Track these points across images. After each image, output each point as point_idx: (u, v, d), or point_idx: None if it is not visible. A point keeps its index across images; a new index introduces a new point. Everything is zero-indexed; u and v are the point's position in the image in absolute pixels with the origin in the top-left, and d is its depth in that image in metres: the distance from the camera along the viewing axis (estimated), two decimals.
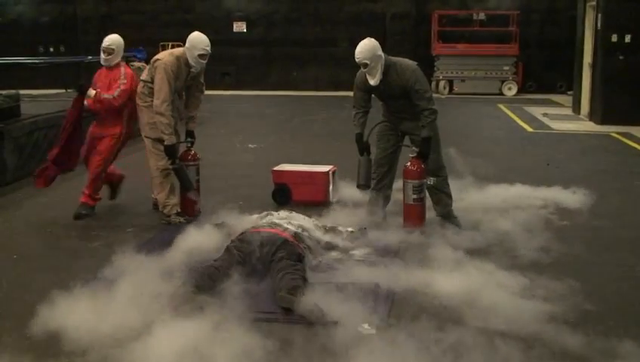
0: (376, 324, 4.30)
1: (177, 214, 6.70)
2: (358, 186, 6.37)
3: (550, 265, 5.53)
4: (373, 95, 6.40)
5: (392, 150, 6.49)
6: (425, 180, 6.22)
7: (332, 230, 5.91)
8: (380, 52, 6.15)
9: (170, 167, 6.67)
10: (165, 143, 6.55)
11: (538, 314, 4.50)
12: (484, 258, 5.58)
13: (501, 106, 17.13)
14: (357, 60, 6.14)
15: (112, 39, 7.11)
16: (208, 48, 6.68)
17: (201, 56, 6.65)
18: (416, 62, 6.34)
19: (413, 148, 6.32)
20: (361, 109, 6.35)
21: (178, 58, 6.64)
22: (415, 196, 6.17)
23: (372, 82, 6.18)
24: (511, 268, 5.36)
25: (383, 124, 6.54)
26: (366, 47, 6.13)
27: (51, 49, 22.51)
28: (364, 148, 6.29)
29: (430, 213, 6.49)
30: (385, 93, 6.33)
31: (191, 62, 6.66)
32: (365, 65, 6.13)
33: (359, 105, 6.36)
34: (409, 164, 6.20)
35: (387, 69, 6.17)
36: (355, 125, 6.34)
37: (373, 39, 6.23)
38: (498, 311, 4.54)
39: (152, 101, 6.63)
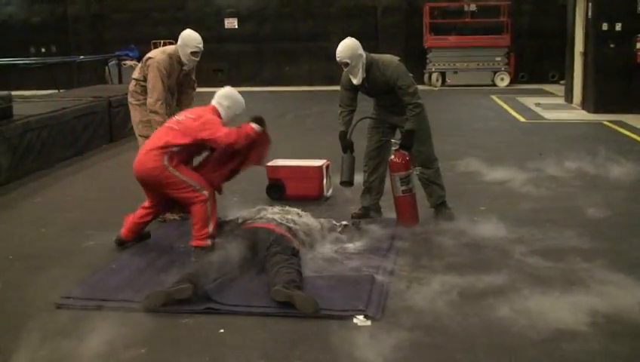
0: (372, 316, 4.33)
1: (171, 211, 6.70)
2: (342, 183, 6.39)
3: None
4: (360, 92, 6.42)
5: (381, 143, 6.51)
6: (411, 171, 6.25)
7: (326, 224, 5.92)
8: (361, 51, 6.17)
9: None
10: None
11: None
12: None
13: (494, 97, 17.15)
14: (338, 60, 6.17)
15: None
16: (200, 46, 6.68)
17: (193, 53, 6.65)
18: (398, 58, 6.37)
19: (394, 140, 6.36)
20: (346, 108, 6.38)
21: (170, 56, 6.64)
22: (404, 187, 6.20)
23: (355, 81, 6.21)
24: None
25: (370, 118, 6.57)
26: (346, 46, 6.15)
27: (43, 49, 22.45)
28: (347, 145, 6.31)
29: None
30: (370, 90, 6.36)
31: (183, 59, 6.67)
32: (346, 65, 6.16)
33: (344, 105, 6.39)
34: (393, 156, 6.25)
35: (369, 67, 6.19)
36: (339, 123, 6.38)
37: (353, 38, 6.24)
38: None
39: (144, 99, 6.63)
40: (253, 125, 5.64)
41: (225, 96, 5.84)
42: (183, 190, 5.53)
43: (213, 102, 5.81)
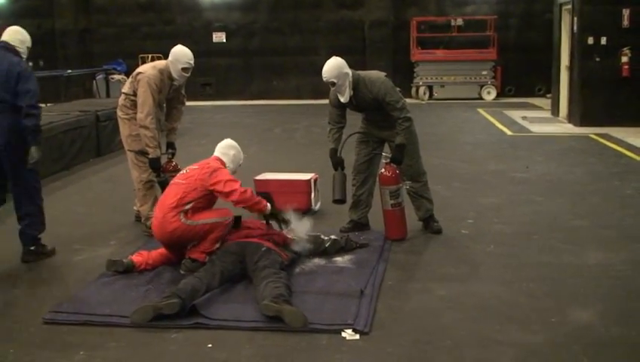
0: (360, 330, 4.33)
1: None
2: (334, 201, 6.38)
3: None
4: (349, 109, 6.45)
5: (369, 157, 6.54)
6: (401, 185, 6.27)
7: (315, 237, 5.93)
8: (347, 69, 6.20)
9: (156, 179, 6.67)
10: (150, 156, 6.55)
11: None
12: None
13: (481, 111, 17.24)
14: (324, 79, 6.20)
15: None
16: (192, 62, 6.70)
17: (184, 69, 6.66)
18: (384, 74, 6.39)
19: (385, 154, 6.39)
20: (335, 125, 6.40)
21: (161, 71, 6.64)
22: (393, 201, 6.22)
23: (342, 99, 6.24)
24: None
25: (359, 132, 6.59)
26: (332, 66, 6.18)
27: (30, 63, 22.32)
28: (338, 162, 6.32)
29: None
30: (358, 107, 6.39)
31: (174, 75, 6.67)
32: (333, 84, 6.19)
33: (334, 122, 6.42)
34: (384, 170, 6.27)
35: (356, 85, 6.22)
36: (329, 141, 6.39)
37: (339, 58, 6.27)
38: None
39: (133, 113, 6.64)
40: (268, 206, 5.59)
41: (229, 146, 5.79)
42: (215, 231, 5.42)
43: (217, 153, 5.73)
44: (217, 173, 5.45)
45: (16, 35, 6.32)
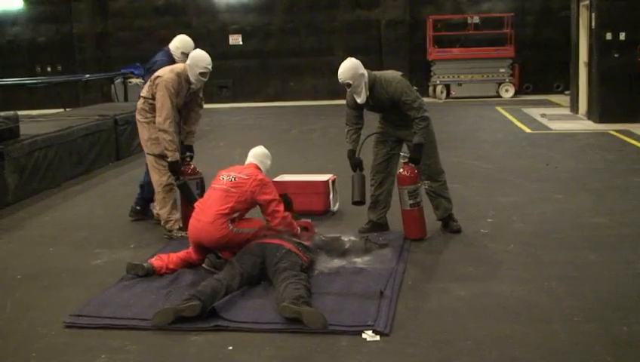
0: (381, 331, 4.31)
1: (179, 229, 6.71)
2: (354, 203, 6.36)
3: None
4: (366, 109, 6.43)
5: (388, 156, 6.53)
6: (419, 184, 6.25)
7: (334, 239, 5.92)
8: (362, 70, 6.18)
9: (175, 183, 6.69)
10: (169, 160, 6.58)
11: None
12: None
13: (499, 109, 17.15)
14: (340, 81, 6.19)
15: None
16: (210, 66, 6.70)
17: (202, 74, 6.67)
18: (400, 73, 6.37)
19: (402, 154, 6.37)
20: (353, 126, 6.39)
21: (179, 75, 6.65)
22: (412, 201, 6.20)
23: (359, 100, 6.22)
24: None
25: (376, 133, 6.58)
26: (347, 67, 6.17)
27: (49, 68, 22.56)
28: (356, 164, 6.31)
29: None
30: (375, 107, 6.38)
31: (192, 79, 6.68)
32: (349, 86, 6.18)
33: (351, 123, 6.41)
34: (402, 170, 6.26)
35: (372, 85, 6.21)
36: (347, 142, 6.38)
37: (354, 59, 6.25)
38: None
39: (152, 117, 6.66)
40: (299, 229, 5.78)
41: (265, 155, 6.02)
42: (253, 239, 5.53)
43: (254, 161, 5.90)
44: (267, 187, 5.63)
45: (175, 42, 7.37)
